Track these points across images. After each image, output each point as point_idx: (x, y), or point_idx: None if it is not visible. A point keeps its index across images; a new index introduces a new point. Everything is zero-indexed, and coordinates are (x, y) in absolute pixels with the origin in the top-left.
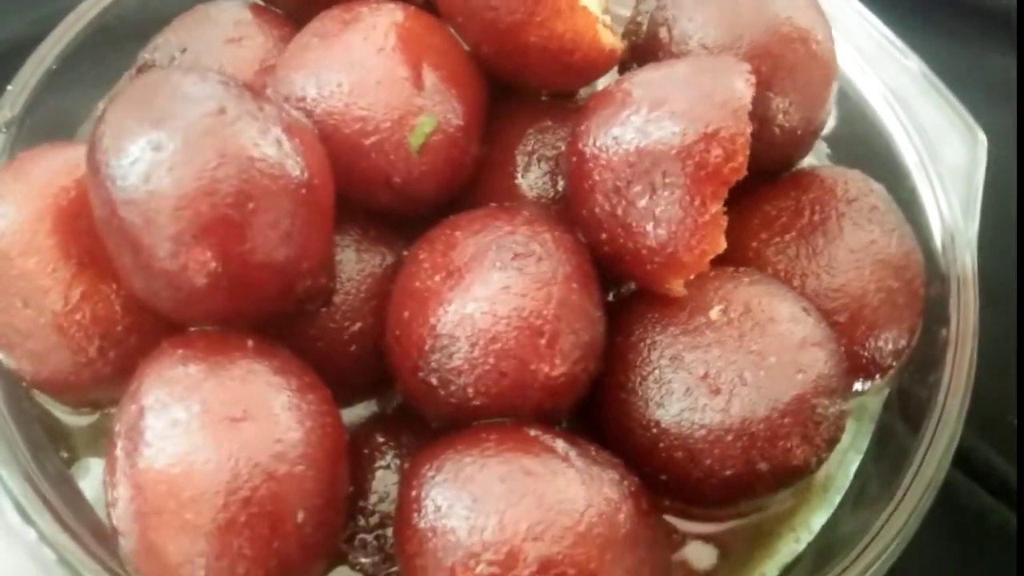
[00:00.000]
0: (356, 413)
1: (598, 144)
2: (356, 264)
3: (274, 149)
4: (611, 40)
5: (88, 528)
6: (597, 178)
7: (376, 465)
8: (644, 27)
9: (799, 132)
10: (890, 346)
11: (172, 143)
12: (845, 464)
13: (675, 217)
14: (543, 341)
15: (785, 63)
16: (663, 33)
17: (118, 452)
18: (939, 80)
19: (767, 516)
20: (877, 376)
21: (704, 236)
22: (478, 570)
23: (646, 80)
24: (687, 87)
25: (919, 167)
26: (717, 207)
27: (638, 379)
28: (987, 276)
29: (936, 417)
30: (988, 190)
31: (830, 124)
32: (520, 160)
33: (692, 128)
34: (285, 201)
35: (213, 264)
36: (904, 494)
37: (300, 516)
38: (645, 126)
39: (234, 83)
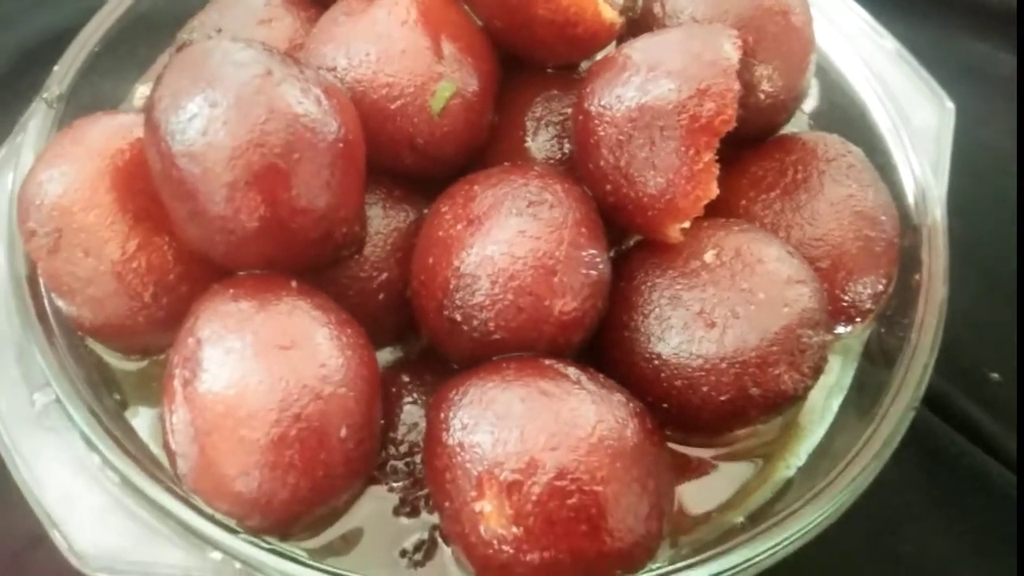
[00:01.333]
0: (384, 358)
1: (603, 103)
2: (383, 220)
3: (315, 107)
4: (611, 14)
5: (145, 456)
6: (602, 134)
7: (404, 401)
8: (640, 3)
9: (781, 98)
10: (869, 290)
11: (226, 100)
12: (830, 399)
13: (672, 166)
14: (556, 279)
15: (767, 34)
16: (657, 8)
17: (176, 382)
18: (911, 56)
19: (761, 447)
20: (858, 319)
21: (699, 182)
22: (502, 477)
23: (644, 46)
24: (681, 50)
25: (892, 132)
26: (709, 156)
27: (641, 318)
28: (964, 241)
29: (911, 350)
30: (959, 160)
31: (813, 101)
32: (530, 125)
33: (687, 85)
34: (325, 153)
35: (263, 209)
36: (882, 419)
37: (343, 432)
38: (644, 85)
39: (276, 50)
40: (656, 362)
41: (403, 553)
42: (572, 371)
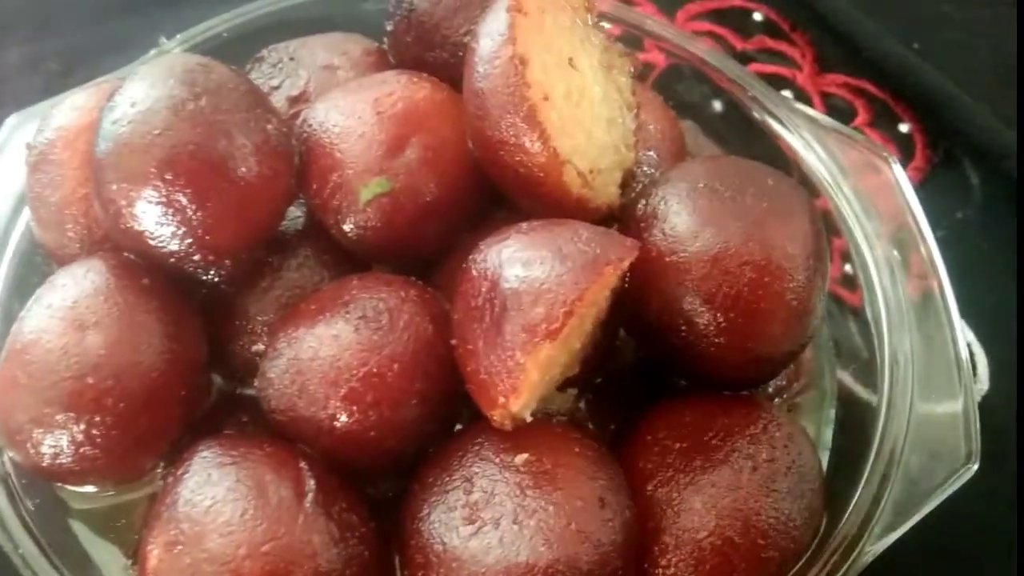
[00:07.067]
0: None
1: (475, 257)
2: (294, 273)
3: (220, 144)
4: (581, 191)
5: None
6: (462, 287)
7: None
8: (636, 190)
9: (733, 354)
10: None
11: (142, 104)
12: None
13: (492, 349)
14: (341, 391)
15: (726, 290)
16: (640, 204)
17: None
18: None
19: None
20: None
21: (508, 378)
22: (173, 532)
23: (540, 225)
24: (560, 243)
25: (876, 456)
26: (528, 359)
27: (431, 479)
28: None
29: None
30: None
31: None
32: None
33: (528, 283)
34: (201, 181)
35: (127, 206)
36: None
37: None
38: (504, 260)
39: (241, 84)
40: (415, 525)
41: None
42: (312, 484)
